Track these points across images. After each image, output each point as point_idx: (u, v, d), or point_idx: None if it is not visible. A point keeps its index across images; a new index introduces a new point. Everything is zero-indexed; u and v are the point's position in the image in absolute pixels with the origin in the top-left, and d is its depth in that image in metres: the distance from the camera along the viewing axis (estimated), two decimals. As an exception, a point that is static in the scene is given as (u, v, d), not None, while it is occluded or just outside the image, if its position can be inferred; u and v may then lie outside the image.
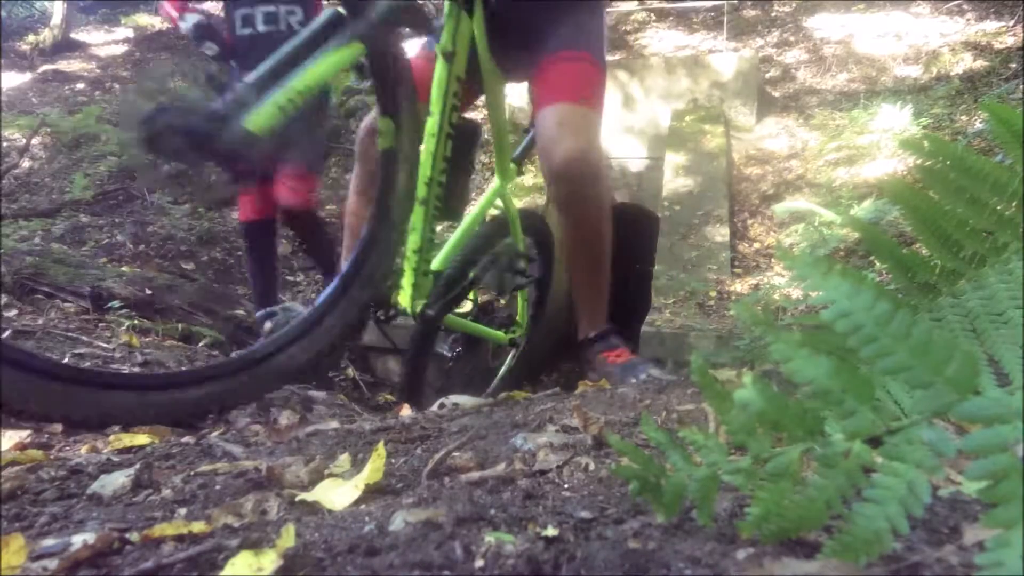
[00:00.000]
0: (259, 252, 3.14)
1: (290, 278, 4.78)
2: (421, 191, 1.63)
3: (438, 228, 1.79)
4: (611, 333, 1.84)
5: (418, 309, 1.72)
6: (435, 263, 1.81)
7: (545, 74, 1.72)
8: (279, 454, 0.88)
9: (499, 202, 2.11)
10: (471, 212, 2.01)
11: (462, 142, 1.71)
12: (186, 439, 0.99)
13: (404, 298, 1.70)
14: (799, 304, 3.32)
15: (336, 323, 1.44)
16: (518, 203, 5.60)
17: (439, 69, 1.62)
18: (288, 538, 0.53)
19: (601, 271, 1.79)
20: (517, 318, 2.33)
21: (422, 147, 1.62)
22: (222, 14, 3.08)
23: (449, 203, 1.72)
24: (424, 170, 1.63)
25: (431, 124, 1.64)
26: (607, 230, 1.74)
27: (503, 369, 2.43)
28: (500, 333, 2.27)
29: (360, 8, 1.35)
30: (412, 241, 1.66)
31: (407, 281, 1.69)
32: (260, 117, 1.15)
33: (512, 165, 2.09)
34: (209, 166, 1.15)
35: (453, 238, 1.95)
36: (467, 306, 2.05)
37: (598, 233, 1.72)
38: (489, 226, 2.05)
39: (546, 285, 2.45)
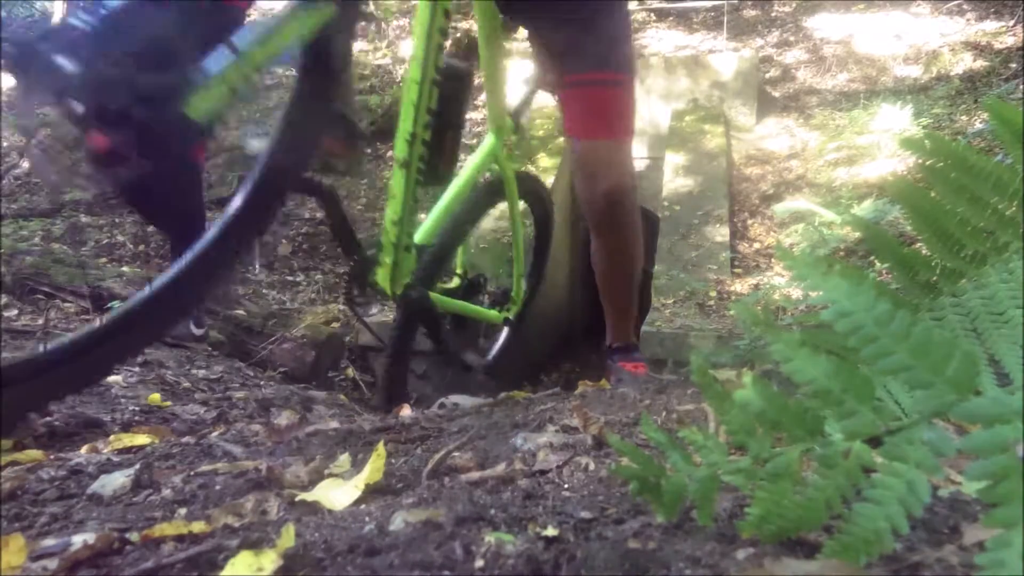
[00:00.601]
0: None
1: (290, 278, 4.78)
2: (401, 150, 1.40)
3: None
4: (635, 348, 1.97)
5: (399, 290, 1.50)
6: (418, 236, 1.57)
7: (580, 100, 1.72)
8: (279, 454, 0.88)
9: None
10: (460, 176, 1.75)
11: (450, 90, 1.46)
12: (186, 439, 0.99)
13: (383, 277, 1.48)
14: (799, 304, 3.32)
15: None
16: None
17: (423, 2, 1.40)
18: (288, 538, 0.53)
19: (632, 289, 1.92)
20: (512, 294, 2.11)
21: (403, 97, 1.42)
22: None
23: (435, 165, 1.48)
24: (405, 125, 1.38)
25: (413, 69, 1.40)
26: (639, 253, 1.86)
27: (496, 350, 2.23)
28: (493, 312, 2.04)
29: None
30: (391, 210, 1.44)
31: (386, 257, 1.46)
32: (206, 100, 0.96)
33: (509, 120, 1.84)
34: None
35: (440, 206, 1.69)
36: (454, 282, 1.86)
37: (632, 256, 1.86)
38: (481, 191, 1.79)
39: (543, 257, 2.26)
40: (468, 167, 1.78)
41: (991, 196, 0.54)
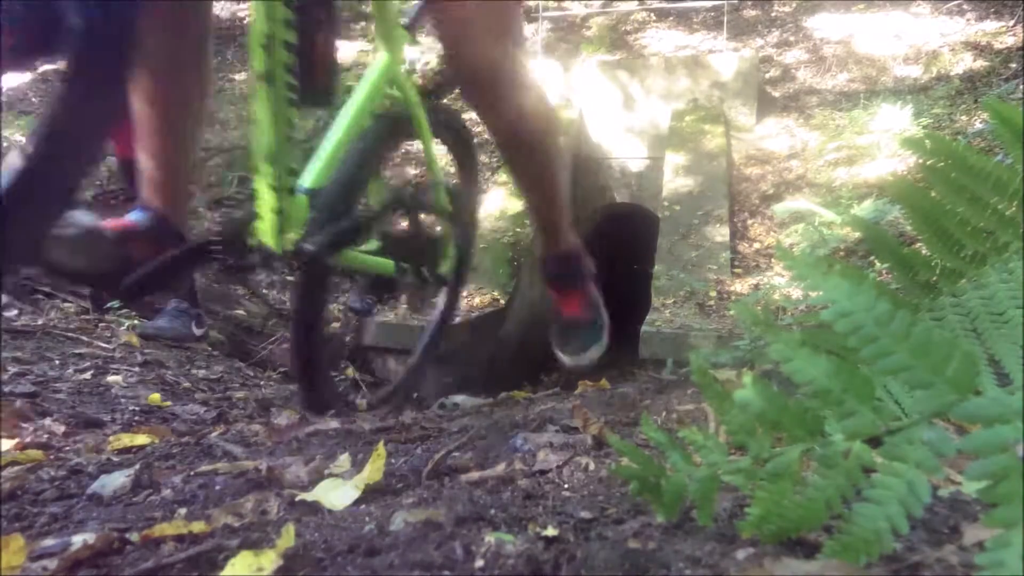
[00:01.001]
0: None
1: (290, 278, 4.78)
2: (259, 59, 1.11)
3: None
4: (570, 259, 1.57)
5: (289, 245, 1.19)
6: (309, 178, 1.27)
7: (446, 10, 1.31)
8: (279, 454, 0.88)
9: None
10: (351, 103, 1.40)
11: None
12: (186, 439, 0.99)
13: (266, 231, 1.17)
14: (799, 304, 3.32)
15: None
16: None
17: None
18: (288, 538, 0.53)
19: (548, 183, 1.51)
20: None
21: None
22: None
23: (309, 78, 1.18)
24: (258, 24, 1.10)
25: None
26: (546, 137, 1.46)
27: (436, 314, 1.86)
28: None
29: None
30: (261, 143, 1.14)
31: (265, 205, 1.16)
32: None
33: (401, 31, 1.50)
34: None
35: (329, 140, 1.34)
36: (372, 243, 1.54)
37: (533, 143, 1.44)
38: (382, 122, 1.45)
39: (470, 199, 1.88)
40: (359, 92, 1.43)
41: (991, 196, 0.54)
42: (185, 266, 1.24)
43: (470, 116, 1.73)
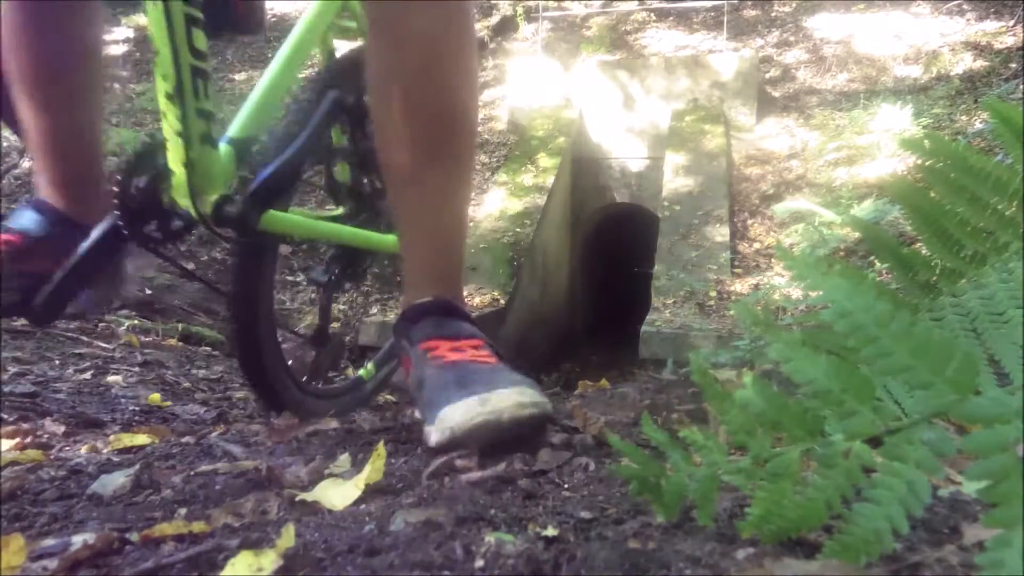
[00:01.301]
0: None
1: (290, 278, 4.78)
2: None
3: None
4: (450, 309, 0.98)
5: (208, 208, 0.96)
6: (235, 126, 1.05)
7: None
8: (279, 454, 0.88)
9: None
10: (292, 37, 1.16)
11: None
12: (186, 439, 0.99)
13: (178, 190, 0.94)
14: (799, 304, 3.32)
15: None
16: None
17: None
18: (288, 538, 0.53)
19: (448, 179, 0.98)
20: None
21: None
22: None
23: None
24: None
25: None
26: (467, 106, 1.00)
27: None
28: (392, 237, 1.32)
29: None
30: (161, 78, 0.90)
31: (174, 158, 0.93)
32: None
33: None
34: None
35: (265, 80, 1.09)
36: (340, 208, 1.33)
37: (441, 102, 0.96)
38: (339, 63, 1.22)
39: None
40: (301, 24, 1.18)
41: (991, 196, 0.54)
42: (100, 260, 1.00)
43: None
